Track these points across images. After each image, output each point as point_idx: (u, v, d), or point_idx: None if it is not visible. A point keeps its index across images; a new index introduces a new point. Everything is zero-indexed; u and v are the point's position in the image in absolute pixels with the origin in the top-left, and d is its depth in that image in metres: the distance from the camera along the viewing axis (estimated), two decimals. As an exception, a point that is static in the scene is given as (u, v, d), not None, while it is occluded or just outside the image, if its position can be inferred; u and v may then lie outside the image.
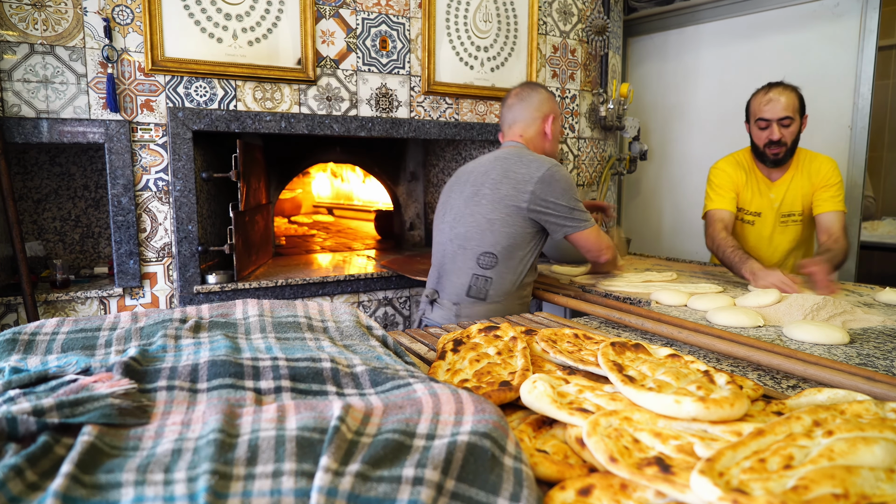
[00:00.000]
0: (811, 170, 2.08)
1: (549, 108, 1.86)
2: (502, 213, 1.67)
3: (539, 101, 1.85)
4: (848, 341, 1.18)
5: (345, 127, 2.25)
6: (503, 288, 1.69)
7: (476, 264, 1.69)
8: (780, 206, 2.13)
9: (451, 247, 1.74)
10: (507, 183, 1.67)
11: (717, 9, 3.06)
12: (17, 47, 1.78)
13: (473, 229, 1.69)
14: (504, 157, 1.74)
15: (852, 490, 0.44)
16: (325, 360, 0.73)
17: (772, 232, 2.17)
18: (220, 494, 0.47)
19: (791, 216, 2.14)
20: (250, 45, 2.06)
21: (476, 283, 1.69)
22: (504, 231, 1.67)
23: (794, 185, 2.10)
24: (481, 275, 1.68)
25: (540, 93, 1.87)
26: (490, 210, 1.68)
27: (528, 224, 1.68)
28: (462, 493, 0.49)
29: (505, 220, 1.67)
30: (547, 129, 1.86)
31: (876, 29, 2.52)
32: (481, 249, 1.68)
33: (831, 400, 0.71)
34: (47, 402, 0.56)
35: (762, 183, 2.15)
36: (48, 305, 1.89)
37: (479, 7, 2.47)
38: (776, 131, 2.00)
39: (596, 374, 0.81)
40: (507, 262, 1.68)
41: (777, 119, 1.99)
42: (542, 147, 1.86)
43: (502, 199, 1.67)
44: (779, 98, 1.99)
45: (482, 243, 1.68)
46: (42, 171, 2.18)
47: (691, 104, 3.25)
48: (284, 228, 3.40)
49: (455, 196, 1.78)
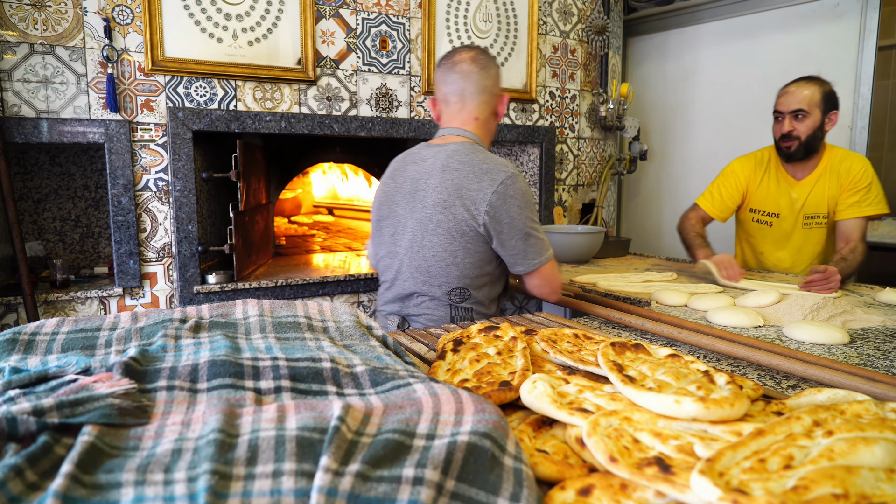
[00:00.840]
0: (841, 170, 2.00)
1: (499, 85, 1.57)
2: (461, 241, 1.45)
3: (496, 75, 1.55)
4: (848, 341, 1.19)
5: (345, 127, 2.25)
6: (485, 309, 1.55)
7: (448, 299, 1.50)
8: (802, 206, 2.04)
9: (415, 280, 1.51)
10: (460, 204, 1.43)
11: (717, 9, 3.06)
12: (17, 47, 1.78)
13: (436, 265, 1.47)
14: (454, 168, 1.45)
15: (852, 490, 0.44)
16: (325, 360, 0.73)
17: (793, 234, 2.09)
18: (220, 494, 0.47)
19: (815, 218, 2.04)
20: (250, 45, 2.06)
21: (457, 314, 1.51)
22: (468, 262, 1.47)
23: (820, 186, 2.02)
24: (459, 307, 1.51)
25: (495, 65, 1.56)
26: (449, 241, 1.45)
27: (489, 245, 1.48)
28: (462, 493, 0.49)
29: (466, 248, 1.46)
30: (500, 109, 1.58)
31: (876, 29, 2.52)
32: (449, 286, 1.48)
33: (831, 400, 0.71)
34: (47, 402, 0.56)
35: (784, 182, 2.07)
36: (48, 305, 1.89)
37: (479, 7, 2.48)
38: (787, 124, 1.95)
39: (596, 374, 0.81)
40: (482, 288, 1.52)
41: (789, 111, 1.95)
42: (491, 131, 1.61)
43: (458, 225, 1.44)
44: (795, 91, 1.94)
45: (449, 279, 1.48)
46: (42, 171, 2.18)
47: (691, 104, 3.25)
48: (284, 228, 3.40)
49: (402, 210, 1.52)
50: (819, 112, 1.93)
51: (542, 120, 2.73)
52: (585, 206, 2.93)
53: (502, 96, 1.57)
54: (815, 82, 1.95)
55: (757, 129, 2.83)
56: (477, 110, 1.53)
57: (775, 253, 2.14)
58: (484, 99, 1.52)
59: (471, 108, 1.52)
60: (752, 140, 2.50)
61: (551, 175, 2.75)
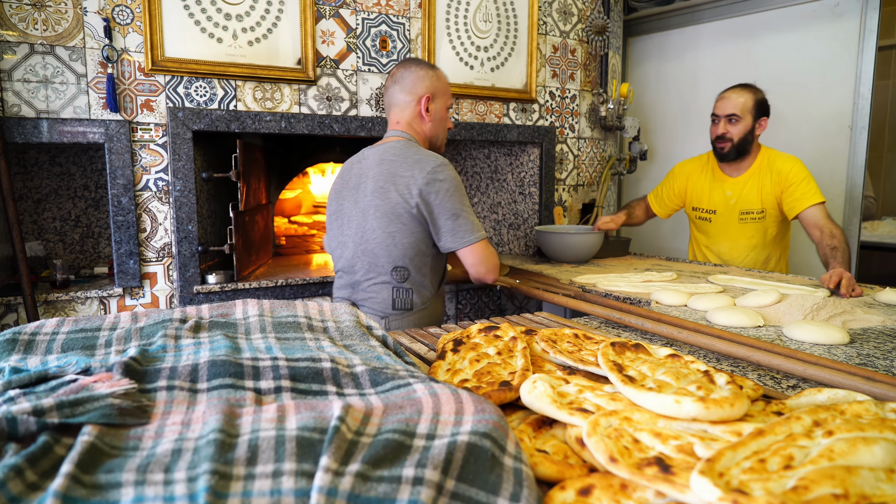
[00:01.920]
0: (773, 169, 2.17)
1: (424, 88, 1.71)
2: (397, 223, 1.58)
3: (412, 80, 1.71)
4: (848, 341, 1.18)
5: (345, 127, 2.25)
6: (426, 294, 1.66)
7: (391, 278, 1.62)
8: (736, 202, 2.23)
9: (361, 263, 1.65)
10: (394, 190, 1.58)
11: (717, 9, 3.06)
12: (17, 47, 1.78)
13: (378, 246, 1.61)
14: (389, 160, 1.62)
15: (852, 490, 0.44)
16: (325, 360, 0.73)
17: (730, 228, 2.28)
18: (220, 494, 0.47)
19: (749, 214, 2.23)
20: (250, 45, 2.06)
21: (399, 296, 1.63)
22: (406, 242, 1.59)
23: (753, 183, 2.20)
24: (400, 287, 1.62)
25: (414, 71, 1.72)
26: (386, 223, 1.59)
27: (426, 227, 1.61)
28: (462, 493, 0.49)
29: (403, 230, 1.59)
30: (422, 110, 1.71)
31: (876, 29, 2.52)
32: (392, 264, 1.61)
33: (831, 400, 0.71)
34: (47, 402, 0.56)
35: (718, 180, 2.29)
36: (48, 305, 1.89)
37: (479, 7, 2.48)
38: (721, 126, 2.17)
39: (596, 374, 0.81)
40: (422, 269, 1.63)
41: (724, 115, 2.15)
42: (423, 131, 1.75)
43: (393, 208, 1.58)
44: (730, 96, 2.16)
45: (391, 258, 1.61)
46: (42, 171, 2.18)
47: (691, 104, 3.25)
48: (284, 228, 3.40)
49: (348, 203, 1.68)
50: (751, 117, 2.14)
51: (542, 120, 2.73)
52: (585, 206, 2.93)
53: (422, 98, 1.70)
54: (749, 90, 2.16)
55: (757, 129, 2.83)
56: (398, 115, 1.74)
57: (716, 245, 2.34)
58: (401, 106, 1.73)
59: (394, 116, 1.75)
60: (752, 140, 2.49)
61: (551, 175, 2.75)
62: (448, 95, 1.78)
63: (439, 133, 1.79)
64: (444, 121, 1.78)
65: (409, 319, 1.64)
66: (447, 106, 1.78)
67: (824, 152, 2.67)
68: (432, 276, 1.67)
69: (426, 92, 1.71)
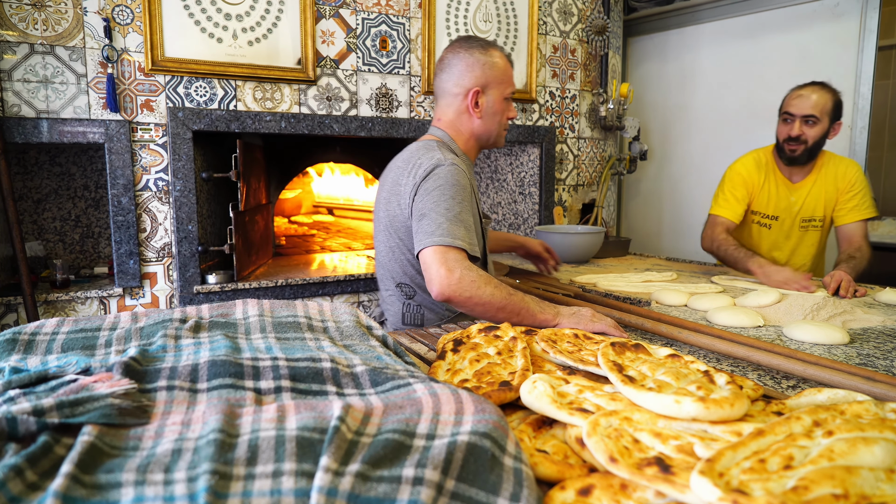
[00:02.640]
0: (836, 174, 2.03)
1: (474, 79, 1.45)
2: (396, 238, 1.43)
3: (462, 68, 1.45)
4: (848, 341, 1.18)
5: (345, 127, 2.25)
6: (441, 311, 1.47)
7: (401, 293, 1.47)
8: (800, 210, 2.07)
9: (379, 274, 1.55)
10: (395, 200, 1.41)
11: (717, 9, 3.06)
12: (17, 47, 1.78)
13: (383, 259, 1.49)
14: (398, 167, 1.44)
15: (852, 490, 0.44)
16: (325, 360, 0.73)
17: (790, 236, 2.11)
18: (220, 494, 0.47)
19: (812, 221, 2.07)
20: (250, 45, 2.06)
21: (409, 311, 1.47)
22: (405, 259, 1.43)
23: (817, 189, 2.04)
24: (409, 303, 1.47)
25: (463, 58, 1.45)
26: (387, 237, 1.45)
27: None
28: (462, 493, 0.49)
29: (400, 245, 1.43)
30: (470, 106, 1.46)
31: (876, 29, 2.52)
32: (396, 280, 1.47)
33: (831, 400, 0.71)
34: (47, 402, 0.56)
35: (782, 185, 2.08)
36: (48, 305, 1.89)
37: (479, 7, 2.48)
38: (797, 127, 1.94)
39: (596, 374, 0.81)
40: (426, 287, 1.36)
41: (801, 115, 1.93)
42: (471, 129, 1.50)
43: (393, 220, 1.42)
44: (809, 95, 1.93)
45: (393, 274, 1.47)
46: (42, 171, 2.18)
47: (691, 104, 3.25)
48: (284, 228, 3.40)
49: (377, 210, 1.53)
50: (828, 120, 1.94)
51: (542, 120, 2.73)
52: (585, 206, 2.93)
53: (469, 91, 1.46)
54: (828, 90, 1.94)
55: (756, 130, 2.83)
56: (442, 112, 1.52)
57: (771, 254, 2.16)
58: (445, 101, 1.50)
59: (438, 111, 1.53)
60: (751, 140, 2.50)
61: (551, 175, 2.75)
62: (507, 83, 1.49)
63: (492, 128, 1.51)
64: (499, 114, 1.50)
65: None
66: (504, 95, 1.49)
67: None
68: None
69: (475, 84, 1.45)
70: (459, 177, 1.35)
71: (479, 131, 1.51)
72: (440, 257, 1.23)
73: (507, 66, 1.50)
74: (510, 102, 1.52)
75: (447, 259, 1.22)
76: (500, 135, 1.54)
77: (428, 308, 1.47)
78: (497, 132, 1.52)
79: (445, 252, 1.24)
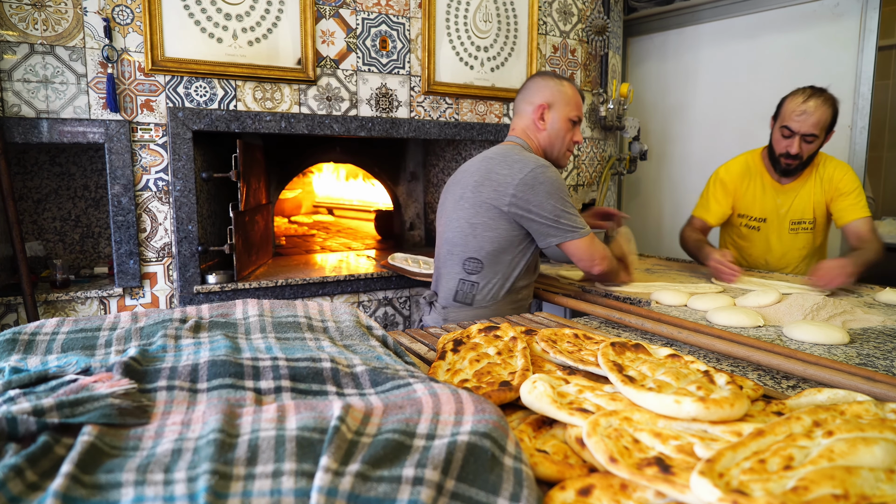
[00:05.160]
0: (825, 176, 2.01)
1: (542, 97, 1.71)
2: (484, 216, 1.61)
3: (534, 89, 1.73)
4: (848, 341, 1.18)
5: (345, 127, 2.25)
6: (491, 293, 1.64)
7: (462, 269, 1.65)
8: (788, 212, 2.07)
9: (442, 251, 1.72)
10: (489, 185, 1.61)
11: (717, 9, 3.06)
12: (17, 47, 1.78)
13: (458, 234, 1.65)
14: (491, 157, 1.66)
15: (852, 491, 0.44)
16: (325, 360, 0.73)
17: (780, 239, 2.11)
18: (220, 494, 0.47)
19: (801, 223, 2.07)
20: (250, 45, 2.06)
21: (462, 288, 1.65)
22: (487, 235, 1.61)
23: (805, 192, 2.04)
24: (467, 279, 1.65)
25: (536, 81, 1.75)
26: (472, 214, 1.62)
27: (513, 227, 1.61)
28: (462, 493, 0.49)
29: (487, 223, 1.61)
30: (536, 118, 1.71)
31: (876, 29, 2.52)
32: (466, 255, 1.64)
33: (831, 400, 0.71)
34: (47, 402, 0.56)
35: (770, 188, 2.09)
36: (48, 305, 1.89)
37: (479, 7, 2.47)
38: (796, 145, 1.92)
39: (596, 374, 0.81)
40: (494, 266, 1.63)
41: (802, 133, 1.90)
42: (538, 140, 1.74)
43: (483, 202, 1.60)
44: (812, 112, 1.88)
45: (466, 248, 1.64)
46: (42, 171, 2.18)
47: (691, 104, 3.25)
48: (284, 228, 3.40)
49: (448, 198, 1.74)
50: (824, 135, 1.94)
51: (542, 120, 2.73)
52: (585, 205, 2.93)
53: (539, 106, 1.70)
54: (830, 103, 1.90)
55: (756, 130, 2.82)
56: (516, 123, 1.76)
57: (762, 256, 2.17)
58: (520, 115, 1.75)
59: (513, 124, 1.78)
60: (751, 140, 2.49)
61: (551, 175, 2.75)
62: (572, 107, 1.72)
63: (555, 143, 1.74)
64: (562, 132, 1.73)
65: (467, 314, 1.65)
66: (569, 118, 1.72)
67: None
68: (504, 276, 1.64)
69: (543, 100, 1.70)
70: (558, 176, 1.61)
71: (544, 143, 1.74)
72: (590, 246, 1.61)
73: (576, 95, 1.74)
74: (576, 127, 1.76)
75: (594, 246, 1.62)
76: (564, 154, 1.78)
77: (483, 288, 1.64)
78: (559, 149, 1.75)
79: (591, 241, 1.61)
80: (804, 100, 1.90)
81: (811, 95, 1.90)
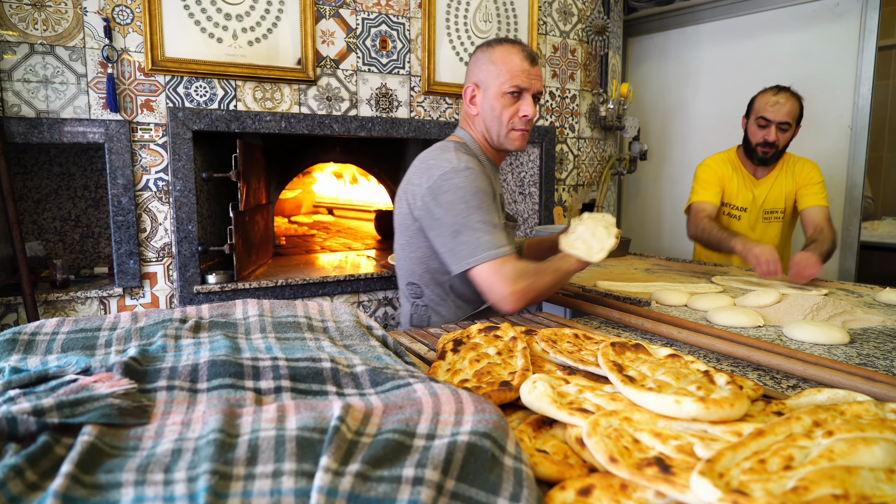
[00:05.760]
0: (795, 169, 2.21)
1: (471, 77, 1.43)
2: (405, 236, 1.42)
3: (470, 66, 1.45)
4: (848, 341, 1.18)
5: (345, 127, 2.25)
6: (447, 315, 1.46)
7: (409, 293, 1.48)
8: (763, 202, 2.25)
9: (397, 272, 1.55)
10: (403, 199, 1.41)
11: (717, 9, 3.06)
12: (17, 47, 1.78)
13: (398, 256, 1.49)
14: (413, 165, 1.43)
15: (852, 491, 0.44)
16: (325, 360, 0.73)
17: (755, 227, 2.29)
18: (220, 494, 0.47)
19: (774, 213, 2.26)
20: (250, 45, 2.06)
21: (416, 312, 1.47)
22: (412, 257, 1.42)
23: (778, 184, 2.23)
24: (417, 303, 1.47)
25: (476, 55, 1.43)
26: (399, 234, 1.44)
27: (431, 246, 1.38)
28: (462, 493, 0.49)
29: (409, 243, 1.41)
30: (468, 103, 1.44)
31: (876, 29, 2.52)
32: (405, 279, 1.47)
33: (831, 400, 0.71)
34: (47, 402, 0.56)
35: (748, 180, 2.27)
36: (48, 305, 1.89)
37: (479, 7, 2.48)
38: (773, 133, 2.10)
39: (596, 374, 0.81)
40: (437, 289, 1.43)
41: (777, 122, 2.09)
42: (476, 127, 1.46)
43: (402, 219, 1.42)
44: (784, 103, 2.08)
45: (404, 273, 1.47)
46: (42, 171, 2.18)
47: (691, 104, 3.25)
48: (284, 228, 3.40)
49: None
50: (795, 125, 2.13)
51: (542, 120, 2.73)
52: (585, 206, 2.93)
53: (468, 88, 1.44)
54: (796, 97, 2.11)
55: (757, 129, 2.82)
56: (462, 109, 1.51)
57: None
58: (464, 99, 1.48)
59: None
60: (752, 140, 2.49)
61: (551, 175, 2.75)
62: (505, 78, 1.38)
63: (492, 126, 1.42)
64: (497, 110, 1.40)
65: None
66: (503, 92, 1.38)
67: (824, 152, 2.67)
68: (456, 298, 1.45)
69: (471, 81, 1.43)
70: (477, 181, 1.30)
71: (482, 129, 1.45)
72: (496, 274, 1.25)
73: (509, 59, 1.38)
74: (519, 98, 1.40)
75: (503, 273, 1.25)
76: (508, 135, 1.43)
77: (434, 311, 1.47)
78: (499, 131, 1.42)
79: (501, 266, 1.25)
80: (775, 93, 2.12)
81: (780, 90, 2.12)
